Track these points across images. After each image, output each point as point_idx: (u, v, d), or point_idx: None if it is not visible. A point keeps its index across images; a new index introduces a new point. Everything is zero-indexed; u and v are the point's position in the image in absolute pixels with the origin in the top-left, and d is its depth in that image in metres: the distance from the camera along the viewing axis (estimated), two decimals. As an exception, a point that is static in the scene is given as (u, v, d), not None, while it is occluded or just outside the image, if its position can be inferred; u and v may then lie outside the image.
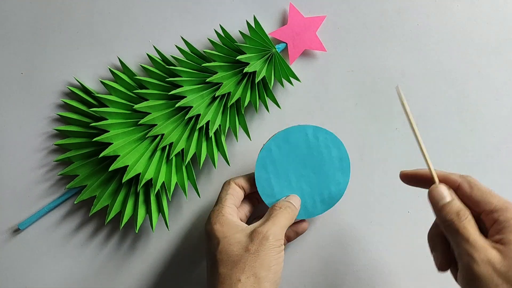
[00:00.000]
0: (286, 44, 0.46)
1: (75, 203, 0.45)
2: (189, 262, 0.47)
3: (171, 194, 0.44)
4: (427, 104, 0.47)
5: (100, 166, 0.45)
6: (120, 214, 0.46)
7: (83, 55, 0.48)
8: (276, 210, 0.39)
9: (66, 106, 0.47)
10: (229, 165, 0.45)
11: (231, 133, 0.47)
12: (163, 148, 0.44)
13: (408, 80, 0.47)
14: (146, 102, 0.44)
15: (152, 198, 0.44)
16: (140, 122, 0.44)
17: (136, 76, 0.45)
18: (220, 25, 0.45)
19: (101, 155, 0.42)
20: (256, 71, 0.44)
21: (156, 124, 0.44)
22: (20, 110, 0.47)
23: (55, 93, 0.47)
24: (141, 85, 0.45)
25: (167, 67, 0.45)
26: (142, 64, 0.45)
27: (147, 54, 0.46)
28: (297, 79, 0.46)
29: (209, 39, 0.45)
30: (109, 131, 0.44)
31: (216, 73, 0.45)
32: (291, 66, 0.46)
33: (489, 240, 0.31)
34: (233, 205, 0.40)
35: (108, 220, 0.44)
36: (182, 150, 0.44)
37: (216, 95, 0.44)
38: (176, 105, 0.44)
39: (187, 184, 0.45)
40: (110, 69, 0.46)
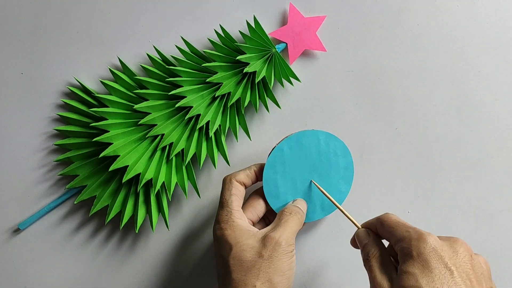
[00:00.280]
0: (286, 44, 0.46)
1: (75, 203, 0.45)
2: (189, 262, 0.47)
3: (171, 194, 0.44)
4: (427, 104, 0.47)
5: (100, 166, 0.45)
6: (120, 214, 0.46)
7: (83, 55, 0.48)
8: (286, 215, 0.39)
9: (66, 106, 0.47)
10: (229, 165, 0.45)
11: (231, 133, 0.47)
12: (163, 148, 0.44)
13: (408, 80, 0.47)
14: (146, 102, 0.44)
15: (152, 198, 0.44)
16: (140, 122, 0.44)
17: (136, 76, 0.45)
18: (220, 25, 0.45)
19: (101, 155, 0.42)
20: (256, 71, 0.44)
21: (156, 124, 0.44)
22: (20, 110, 0.47)
23: (55, 93, 0.47)
24: (141, 85, 0.45)
25: (167, 67, 0.45)
26: (142, 64, 0.45)
27: (147, 54, 0.46)
28: (297, 79, 0.46)
29: (209, 39, 0.45)
30: (109, 131, 0.44)
31: (216, 73, 0.45)
32: (291, 66, 0.46)
33: (387, 276, 0.33)
34: (240, 208, 0.40)
35: (108, 220, 0.44)
36: (182, 150, 0.44)
37: (216, 95, 0.44)
38: (176, 105, 0.44)
39: (187, 184, 0.45)
40: (110, 69, 0.46)
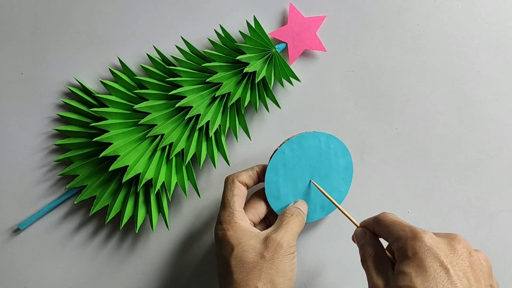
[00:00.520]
0: (286, 44, 0.46)
1: (75, 203, 0.45)
2: (189, 262, 0.47)
3: (171, 194, 0.44)
4: (427, 104, 0.47)
5: (100, 166, 0.45)
6: (120, 214, 0.46)
7: (83, 55, 0.48)
8: (288, 217, 0.39)
9: (66, 106, 0.47)
10: (229, 165, 0.45)
11: (231, 133, 0.47)
12: (163, 148, 0.44)
13: (408, 80, 0.47)
14: (146, 102, 0.44)
15: (152, 198, 0.44)
16: (140, 122, 0.44)
17: (136, 76, 0.45)
18: (220, 25, 0.45)
19: (101, 155, 0.42)
20: (256, 71, 0.44)
21: (156, 124, 0.44)
22: (20, 110, 0.47)
23: (55, 93, 0.47)
24: (141, 85, 0.45)
25: (167, 67, 0.45)
26: (142, 64, 0.45)
27: (147, 54, 0.46)
28: (297, 79, 0.46)
29: (209, 39, 0.45)
30: (109, 131, 0.44)
31: (216, 73, 0.45)
32: (291, 66, 0.46)
33: (383, 276, 0.33)
34: (242, 209, 0.40)
35: (108, 220, 0.44)
36: (182, 150, 0.44)
37: (216, 95, 0.44)
38: (176, 105, 0.44)
39: (187, 184, 0.45)
40: (110, 69, 0.46)
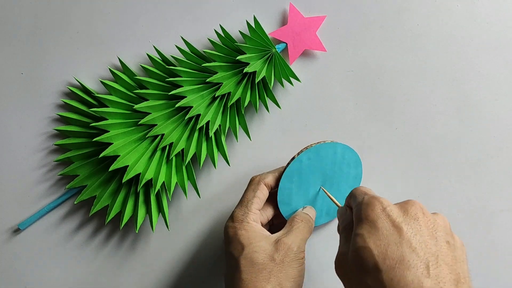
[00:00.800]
0: (286, 44, 0.46)
1: (75, 203, 0.45)
2: (189, 262, 0.47)
3: (171, 194, 0.44)
4: (427, 104, 0.47)
5: (100, 166, 0.45)
6: (120, 214, 0.46)
7: (83, 55, 0.48)
8: (298, 222, 0.39)
9: (66, 106, 0.47)
10: (229, 165, 0.45)
11: (231, 133, 0.47)
12: (163, 148, 0.44)
13: (408, 80, 0.47)
14: (146, 102, 0.44)
15: (152, 198, 0.44)
16: (140, 122, 0.44)
17: (136, 76, 0.45)
18: (220, 25, 0.45)
19: (101, 155, 0.42)
20: (256, 71, 0.44)
21: (156, 124, 0.44)
22: (20, 110, 0.47)
23: (55, 93, 0.47)
24: (141, 85, 0.45)
25: (167, 67, 0.45)
26: (142, 64, 0.45)
27: (147, 54, 0.46)
28: (297, 79, 0.46)
29: (209, 39, 0.45)
30: (109, 131, 0.44)
31: (216, 73, 0.45)
32: (291, 66, 0.46)
33: (348, 243, 0.32)
34: (258, 210, 0.40)
35: (108, 220, 0.44)
36: (182, 150, 0.44)
37: (216, 95, 0.44)
38: (176, 105, 0.44)
39: (187, 184, 0.45)
40: (110, 69, 0.46)
